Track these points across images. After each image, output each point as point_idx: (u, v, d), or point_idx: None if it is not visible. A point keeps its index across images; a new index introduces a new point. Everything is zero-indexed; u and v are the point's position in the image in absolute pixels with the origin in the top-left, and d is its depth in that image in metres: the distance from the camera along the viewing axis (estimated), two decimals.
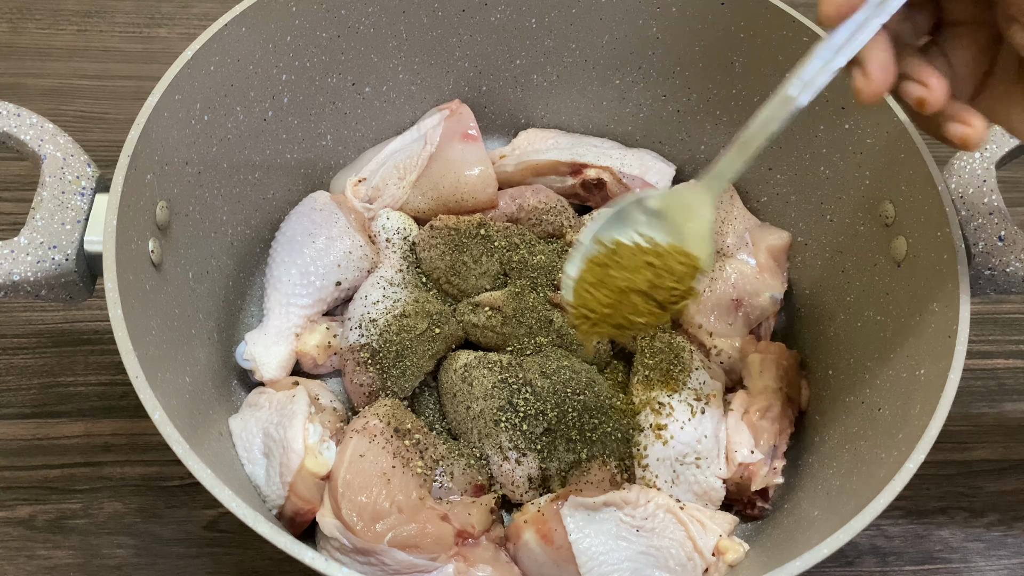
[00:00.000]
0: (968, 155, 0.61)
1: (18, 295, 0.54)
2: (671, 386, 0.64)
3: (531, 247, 0.71)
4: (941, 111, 0.44)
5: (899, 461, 0.49)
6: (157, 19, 0.98)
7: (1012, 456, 0.74)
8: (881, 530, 0.69)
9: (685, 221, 0.51)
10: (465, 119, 0.74)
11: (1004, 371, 0.78)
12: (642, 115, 0.79)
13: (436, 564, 0.56)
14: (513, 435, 0.62)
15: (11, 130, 0.57)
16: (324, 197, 0.73)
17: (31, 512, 0.66)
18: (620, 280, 0.50)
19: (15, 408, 0.70)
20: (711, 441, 0.62)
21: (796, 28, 0.66)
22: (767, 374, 0.66)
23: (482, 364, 0.65)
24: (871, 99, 0.43)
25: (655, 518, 0.58)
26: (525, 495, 0.62)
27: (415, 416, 0.64)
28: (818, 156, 0.69)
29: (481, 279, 0.70)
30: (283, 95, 0.69)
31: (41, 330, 0.75)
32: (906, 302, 0.60)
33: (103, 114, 0.89)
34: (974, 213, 0.59)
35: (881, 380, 0.60)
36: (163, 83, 0.57)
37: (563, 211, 0.74)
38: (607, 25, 0.74)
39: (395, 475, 0.57)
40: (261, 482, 0.59)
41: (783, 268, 0.73)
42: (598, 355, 0.69)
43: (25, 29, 0.95)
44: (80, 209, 0.55)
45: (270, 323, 0.67)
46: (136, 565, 0.64)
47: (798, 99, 0.45)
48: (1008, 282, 0.59)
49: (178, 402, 0.52)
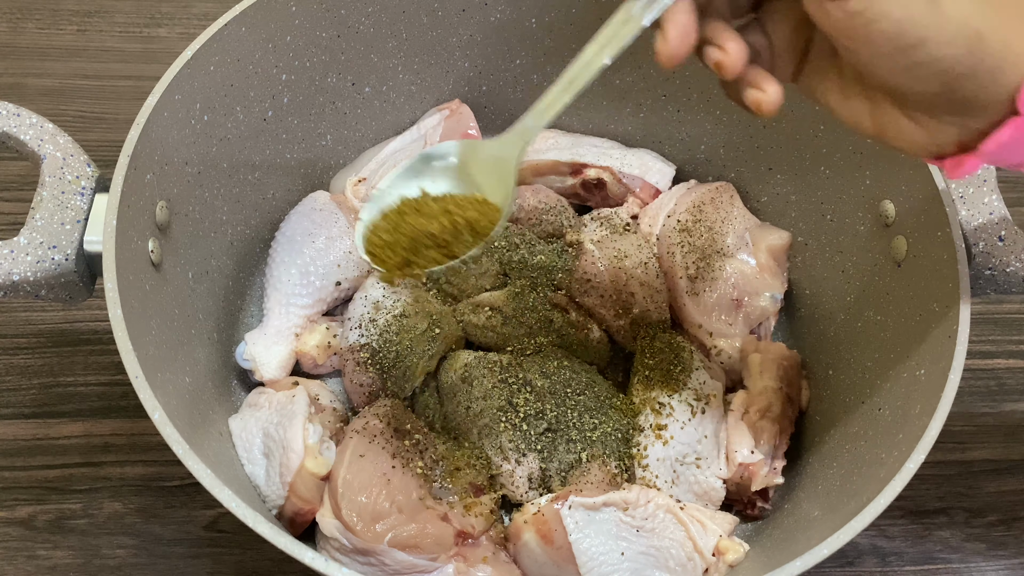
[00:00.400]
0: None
1: (18, 295, 0.54)
2: (671, 386, 0.64)
3: (531, 247, 0.71)
4: (740, 77, 0.45)
5: (899, 461, 0.49)
6: (157, 19, 0.98)
7: (1012, 456, 0.74)
8: (881, 530, 0.69)
9: (489, 173, 0.52)
10: (465, 119, 0.74)
11: (1004, 371, 0.78)
12: (642, 115, 0.79)
13: (436, 564, 0.56)
14: (513, 435, 0.62)
15: (11, 130, 0.57)
16: (324, 197, 0.73)
17: (31, 512, 0.66)
18: (415, 225, 0.51)
19: (15, 408, 0.70)
20: (711, 441, 0.62)
21: None
22: (767, 374, 0.66)
23: (482, 364, 0.65)
24: (667, 62, 0.44)
25: (655, 518, 0.58)
26: (525, 495, 0.62)
27: (415, 416, 0.64)
28: (818, 156, 0.69)
29: (481, 279, 0.70)
30: (283, 95, 0.69)
31: (41, 330, 0.75)
32: (906, 302, 0.60)
33: (103, 114, 0.89)
34: (974, 213, 0.59)
35: (881, 380, 0.60)
36: (163, 83, 0.57)
37: (563, 211, 0.74)
38: None
39: (395, 475, 0.57)
40: (261, 482, 0.59)
41: (783, 268, 0.73)
42: (598, 355, 0.69)
43: (25, 29, 0.95)
44: (80, 209, 0.55)
45: (270, 323, 0.67)
46: (136, 565, 0.64)
47: (602, 59, 0.48)
48: (1008, 282, 0.59)
49: (178, 402, 0.52)
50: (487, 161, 0.52)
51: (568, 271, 0.69)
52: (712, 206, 0.72)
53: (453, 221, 0.51)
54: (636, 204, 0.76)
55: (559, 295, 0.69)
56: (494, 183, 0.52)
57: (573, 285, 0.69)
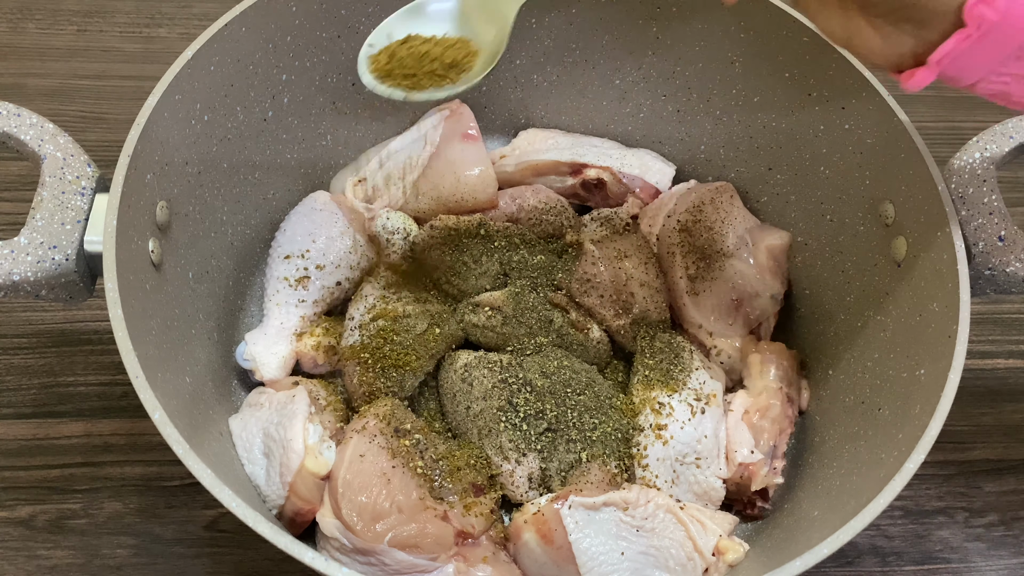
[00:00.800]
0: (968, 155, 0.62)
1: (18, 295, 0.54)
2: (671, 386, 0.64)
3: (531, 247, 0.71)
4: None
5: (899, 461, 0.49)
6: (157, 19, 0.98)
7: (1012, 456, 0.74)
8: (881, 530, 0.69)
9: (488, 21, 0.57)
10: (465, 119, 0.74)
11: (1004, 371, 0.78)
12: (642, 115, 0.79)
13: (436, 564, 0.56)
14: (513, 435, 0.62)
15: (11, 130, 0.57)
16: (324, 197, 0.73)
17: (31, 512, 0.66)
18: (414, 50, 0.57)
19: (15, 408, 0.70)
20: (711, 441, 0.62)
21: (796, 28, 0.66)
22: (767, 374, 0.66)
23: (482, 364, 0.65)
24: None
25: (655, 518, 0.58)
26: (525, 495, 0.62)
27: (415, 416, 0.64)
28: (818, 156, 0.69)
29: (481, 279, 0.70)
30: (283, 95, 0.69)
31: (41, 330, 0.75)
32: (906, 302, 0.60)
33: (103, 114, 0.89)
34: (974, 213, 0.59)
35: (881, 380, 0.60)
36: (163, 83, 0.57)
37: (563, 211, 0.74)
38: (607, 25, 0.74)
39: (395, 475, 0.57)
40: (261, 482, 0.59)
41: (783, 268, 0.73)
42: (598, 355, 0.69)
43: (25, 29, 0.95)
44: (80, 209, 0.55)
45: (270, 323, 0.67)
46: (136, 565, 0.64)
47: None
48: (1008, 282, 0.59)
49: (178, 402, 0.52)
50: (488, 4, 0.56)
51: (568, 271, 0.69)
52: (712, 206, 0.72)
53: (441, 55, 0.56)
54: (636, 204, 0.76)
55: (559, 295, 0.69)
56: (492, 32, 0.56)
57: (573, 285, 0.69)
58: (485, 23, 0.57)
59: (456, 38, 0.57)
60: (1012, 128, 0.63)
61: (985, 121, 0.64)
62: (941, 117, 0.95)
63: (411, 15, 0.58)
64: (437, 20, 0.58)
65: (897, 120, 0.61)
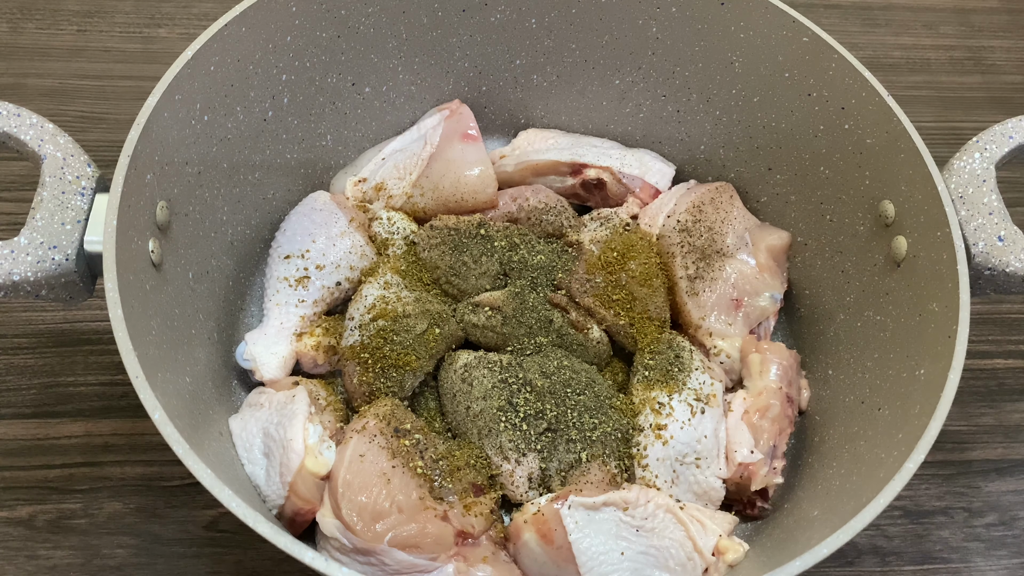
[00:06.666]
0: (968, 155, 0.62)
1: (18, 295, 0.54)
2: (671, 386, 0.64)
3: (531, 247, 0.71)
4: None
5: (899, 461, 0.49)
6: (157, 19, 0.98)
7: (1012, 456, 0.74)
8: (881, 530, 0.69)
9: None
10: (465, 119, 0.74)
11: (1004, 371, 0.78)
12: (642, 115, 0.79)
13: (436, 564, 0.56)
14: (513, 435, 0.62)
15: (11, 130, 0.57)
16: (324, 197, 0.73)
17: (31, 512, 0.66)
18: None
19: (15, 408, 0.70)
20: (711, 441, 0.62)
21: (796, 28, 0.66)
22: (767, 374, 0.66)
23: (482, 364, 0.65)
24: None
25: (655, 518, 0.58)
26: (525, 495, 0.62)
27: (415, 416, 0.64)
28: (818, 156, 0.69)
29: (481, 279, 0.70)
30: (283, 95, 0.69)
31: (41, 330, 0.75)
32: (906, 302, 0.60)
33: (103, 114, 0.89)
34: (974, 213, 0.59)
35: (881, 380, 0.60)
36: (163, 83, 0.57)
37: (563, 211, 0.74)
38: (607, 25, 0.74)
39: (395, 475, 0.57)
40: (261, 482, 0.59)
41: (783, 268, 0.73)
42: (598, 355, 0.69)
43: (25, 29, 0.95)
44: (80, 209, 0.55)
45: (270, 323, 0.67)
46: (136, 565, 0.64)
47: None
48: (1008, 282, 0.59)
49: (178, 402, 0.52)
50: None
51: (568, 271, 0.69)
52: (712, 206, 0.72)
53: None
54: (636, 204, 0.76)
55: (559, 295, 0.69)
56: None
57: (573, 285, 0.69)
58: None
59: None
60: (1012, 128, 0.63)
61: (985, 121, 0.64)
62: (941, 117, 0.96)
63: None
64: None
65: (897, 120, 0.61)
